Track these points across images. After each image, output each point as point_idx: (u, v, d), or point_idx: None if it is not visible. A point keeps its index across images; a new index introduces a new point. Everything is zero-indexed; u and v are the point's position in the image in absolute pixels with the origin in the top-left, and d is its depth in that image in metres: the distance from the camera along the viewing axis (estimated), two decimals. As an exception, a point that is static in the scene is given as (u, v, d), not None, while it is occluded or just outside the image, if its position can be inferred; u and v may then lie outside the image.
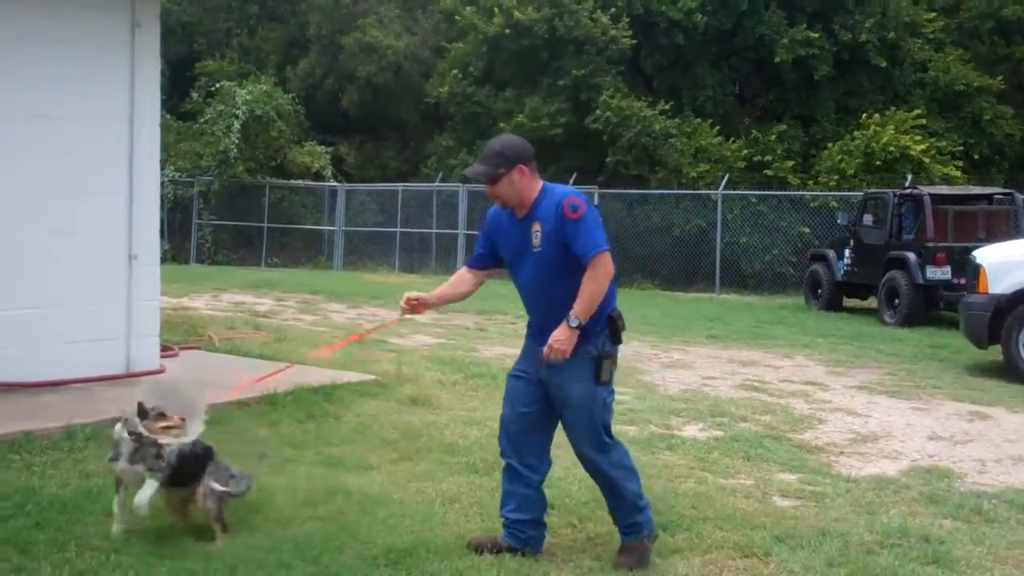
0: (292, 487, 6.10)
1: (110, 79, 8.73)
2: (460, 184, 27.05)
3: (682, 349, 13.22)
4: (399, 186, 29.21)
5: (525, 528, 5.32)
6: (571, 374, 5.12)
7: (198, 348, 10.54)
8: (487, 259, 5.52)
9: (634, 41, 27.41)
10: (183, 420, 5.27)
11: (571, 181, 24.99)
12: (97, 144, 8.67)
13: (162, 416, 5.22)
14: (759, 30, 26.94)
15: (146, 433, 5.14)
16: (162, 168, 9.32)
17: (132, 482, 5.25)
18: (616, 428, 7.92)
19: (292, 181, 30.16)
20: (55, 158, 8.40)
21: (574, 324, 5.00)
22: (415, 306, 5.48)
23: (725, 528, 5.80)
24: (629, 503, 5.31)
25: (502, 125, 27.61)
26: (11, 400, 7.67)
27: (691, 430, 8.37)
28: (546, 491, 5.49)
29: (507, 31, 27.80)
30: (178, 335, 10.81)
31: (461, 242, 26.28)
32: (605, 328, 5.14)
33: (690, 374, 11.19)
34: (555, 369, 5.13)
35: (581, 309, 5.01)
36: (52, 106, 8.38)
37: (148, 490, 5.19)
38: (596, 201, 24.55)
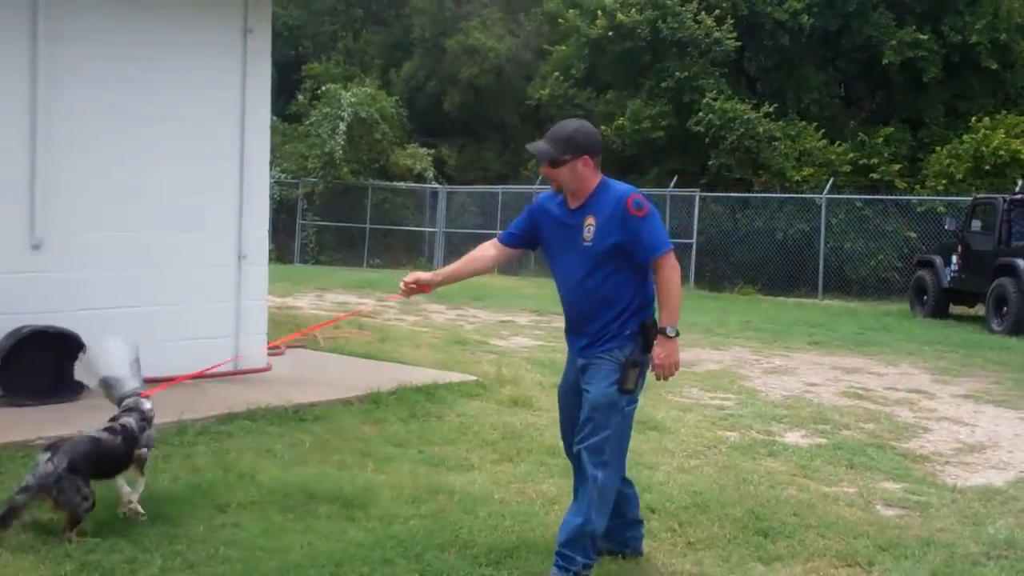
0: (396, 484, 6.20)
1: (223, 83, 8.96)
2: (561, 186, 27.07)
3: (784, 355, 13.09)
4: (499, 188, 29.35)
5: (619, 531, 5.25)
6: (595, 375, 4.93)
7: (303, 347, 10.73)
8: (521, 240, 5.28)
9: (738, 43, 27.16)
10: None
11: (672, 184, 24.96)
12: (210, 146, 8.92)
13: None
14: (866, 31, 26.49)
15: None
16: (269, 170, 9.51)
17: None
18: (717, 434, 8.07)
19: (394, 183, 30.50)
20: (171, 159, 8.67)
21: (672, 334, 4.86)
22: (415, 288, 5.27)
23: (827, 536, 5.74)
24: (579, 530, 4.87)
25: (603, 127, 27.57)
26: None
27: (793, 437, 8.29)
28: (646, 495, 5.49)
29: (610, 33, 27.76)
30: (283, 333, 11.00)
31: (561, 244, 26.29)
32: (638, 334, 4.92)
33: (792, 380, 11.07)
34: (585, 373, 4.98)
35: (671, 316, 4.87)
36: (169, 109, 8.64)
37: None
38: (697, 204, 24.41)
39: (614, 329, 4.92)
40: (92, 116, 8.23)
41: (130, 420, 5.45)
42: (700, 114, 26.36)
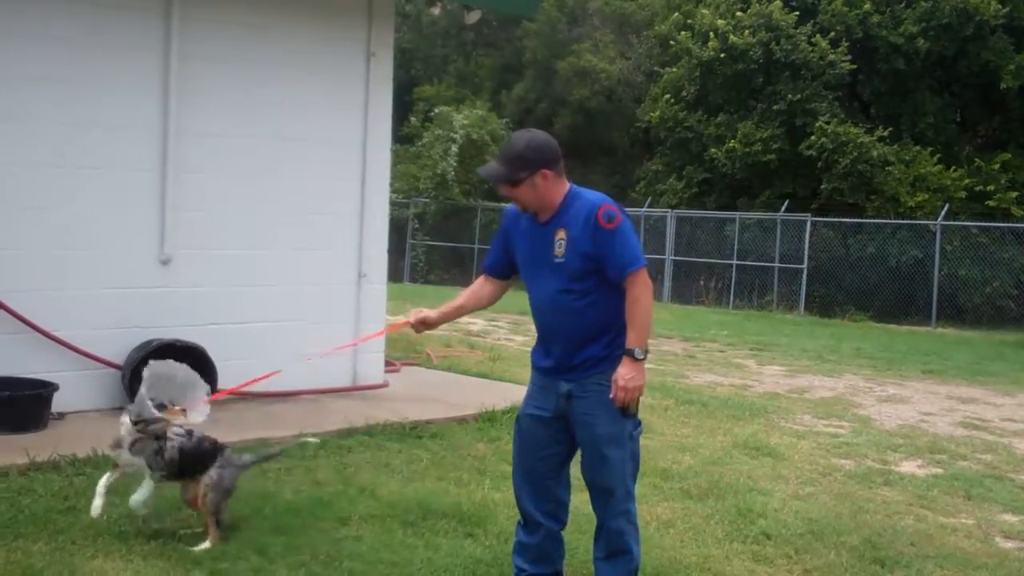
0: (512, 503, 6.24)
1: (347, 105, 9.19)
2: (668, 210, 27.03)
3: (898, 383, 12.89)
4: (608, 210, 29.30)
5: None
6: (596, 405, 4.61)
7: (418, 365, 10.90)
8: (503, 265, 4.98)
9: (853, 66, 26.84)
10: (183, 411, 5.41)
11: (783, 208, 24.72)
12: (334, 167, 9.15)
13: (162, 407, 5.32)
14: (984, 56, 25.97)
15: (152, 422, 5.20)
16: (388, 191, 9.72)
17: (132, 469, 5.34)
18: (831, 461, 8.01)
19: (503, 204, 30.66)
20: (295, 179, 8.92)
21: (640, 356, 4.52)
22: (422, 327, 5.03)
23: (946, 567, 5.69)
24: (630, 567, 4.78)
25: (713, 151, 27.49)
26: (247, 408, 8.15)
27: (909, 466, 8.19)
28: (760, 520, 5.46)
29: (722, 55, 27.64)
30: (398, 352, 11.20)
31: (668, 268, 26.23)
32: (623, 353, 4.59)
33: (907, 409, 10.91)
34: (578, 401, 4.65)
35: (638, 337, 4.52)
36: (293, 130, 8.89)
37: (144, 490, 5.27)
38: (809, 229, 24.14)
39: (600, 351, 4.60)
40: (220, 136, 8.51)
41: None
42: (812, 137, 26.09)
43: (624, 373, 4.51)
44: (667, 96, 29.74)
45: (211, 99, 8.42)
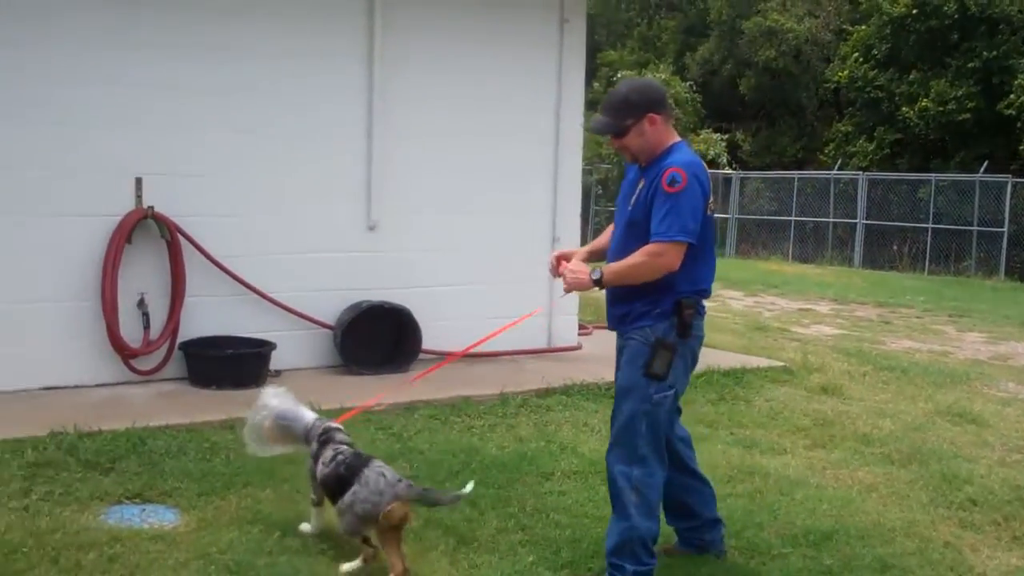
0: (710, 463, 6.33)
1: (541, 71, 9.35)
2: (860, 172, 26.37)
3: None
4: (795, 174, 28.82)
5: (697, 532, 4.94)
6: (626, 358, 4.48)
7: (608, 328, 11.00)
8: None
9: (1056, 19, 25.63)
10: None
11: (982, 169, 23.81)
12: (529, 132, 9.33)
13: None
14: None
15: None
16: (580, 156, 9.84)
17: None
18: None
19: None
20: (492, 146, 9.16)
21: (595, 276, 4.37)
22: (561, 262, 4.72)
23: None
24: (625, 535, 4.44)
25: (905, 110, 26.67)
26: (451, 368, 8.39)
27: (1122, 436, 7.91)
28: (966, 487, 5.34)
29: (914, 11, 26.76)
30: (589, 315, 11.33)
31: (859, 232, 25.62)
32: (671, 313, 4.37)
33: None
34: (620, 353, 4.55)
35: (610, 272, 4.38)
36: (491, 97, 9.13)
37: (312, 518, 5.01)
38: (1009, 192, 23.18)
39: (643, 307, 4.40)
40: (422, 104, 8.78)
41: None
42: (1011, 96, 25.04)
43: (574, 267, 4.50)
44: (856, 55, 28.98)
45: (413, 67, 8.70)
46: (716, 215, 5.12)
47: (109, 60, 7.48)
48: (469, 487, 4.68)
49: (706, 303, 4.62)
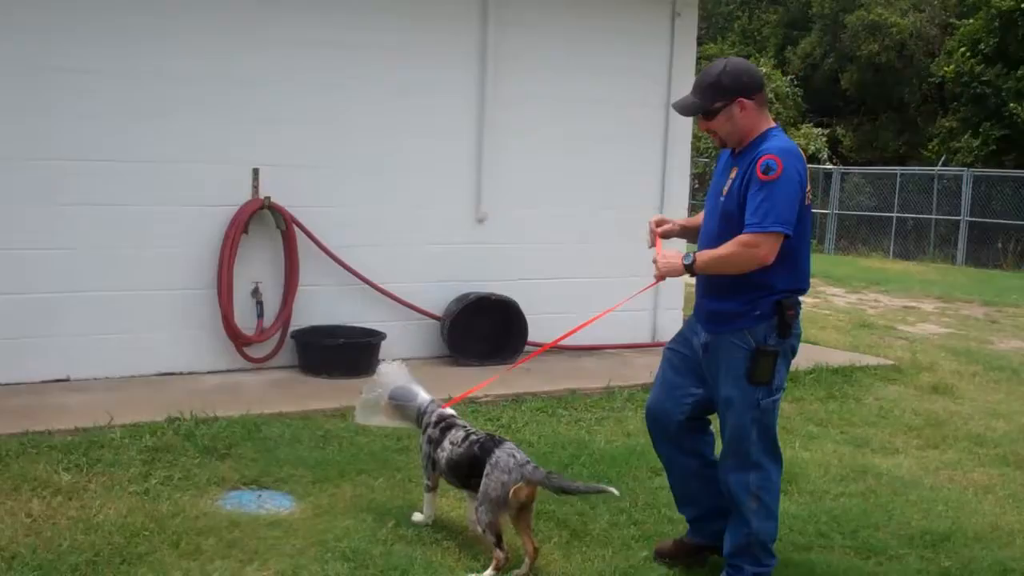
0: (822, 462, 6.32)
1: (650, 67, 9.36)
2: (964, 168, 25.80)
3: None
4: (897, 170, 28.28)
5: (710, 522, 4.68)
6: (723, 366, 4.25)
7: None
8: None
9: None
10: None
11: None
12: (637, 127, 9.35)
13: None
14: None
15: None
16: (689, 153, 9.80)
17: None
18: None
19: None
20: (593, 142, 9.19)
21: (687, 261, 4.19)
22: (658, 232, 4.60)
23: None
24: (745, 540, 4.34)
25: (1012, 106, 26.04)
26: (557, 361, 8.47)
27: None
28: None
29: (1022, 5, 26.10)
30: (690, 311, 11.26)
31: (963, 230, 25.07)
32: (771, 316, 4.15)
33: None
34: (710, 358, 4.31)
35: (704, 258, 4.18)
36: (603, 92, 9.15)
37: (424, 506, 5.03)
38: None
39: (738, 307, 4.19)
40: (531, 100, 8.85)
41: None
42: (1123, 92, 24.35)
43: (668, 253, 4.30)
44: (963, 49, 28.34)
45: (522, 64, 8.76)
46: (815, 210, 4.96)
47: (235, 58, 7.65)
48: (614, 490, 4.61)
49: (810, 300, 4.52)
